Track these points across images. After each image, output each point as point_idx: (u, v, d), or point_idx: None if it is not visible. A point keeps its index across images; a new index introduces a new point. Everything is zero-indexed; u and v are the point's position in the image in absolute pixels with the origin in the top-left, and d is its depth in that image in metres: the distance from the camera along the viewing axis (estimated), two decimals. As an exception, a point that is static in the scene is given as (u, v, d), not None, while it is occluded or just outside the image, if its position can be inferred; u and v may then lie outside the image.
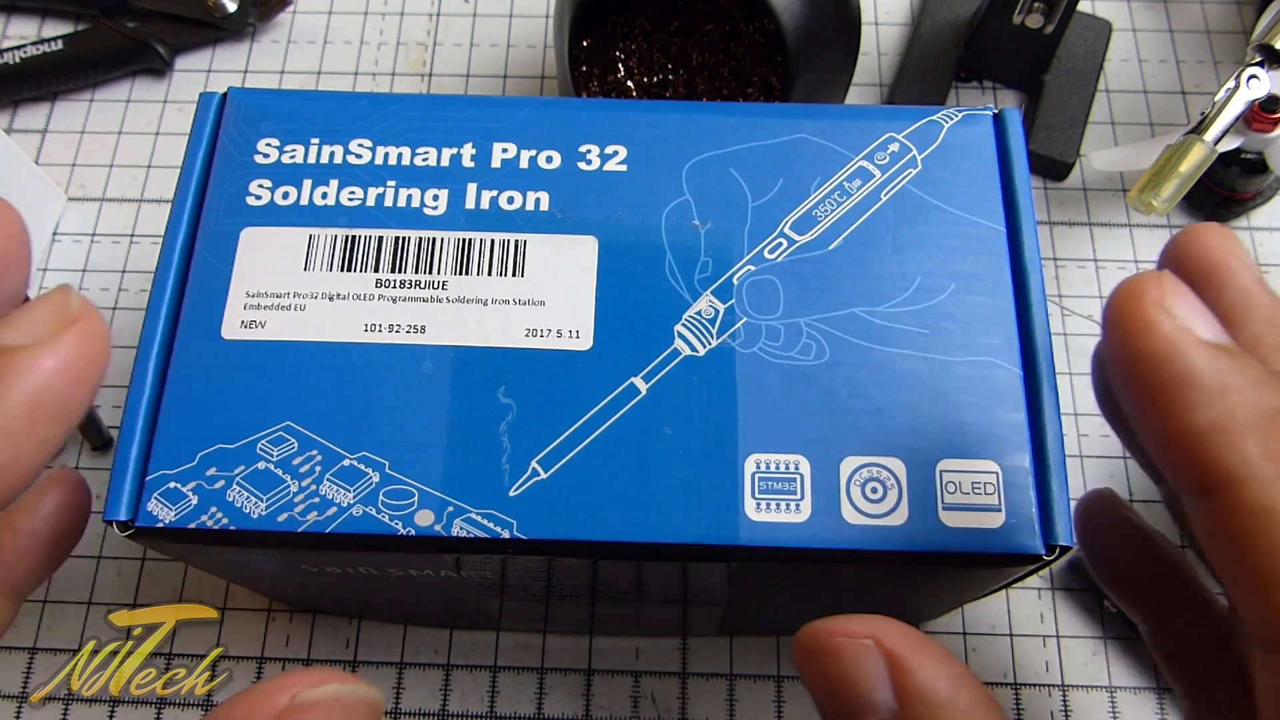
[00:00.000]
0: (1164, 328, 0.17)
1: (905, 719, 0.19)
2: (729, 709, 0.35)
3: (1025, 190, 0.25)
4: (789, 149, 0.25)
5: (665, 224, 0.25)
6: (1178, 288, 0.18)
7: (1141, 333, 0.18)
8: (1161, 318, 0.17)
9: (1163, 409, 0.17)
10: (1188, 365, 0.17)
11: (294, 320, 0.24)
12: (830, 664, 0.20)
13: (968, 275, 0.24)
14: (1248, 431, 0.17)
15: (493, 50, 0.48)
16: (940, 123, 0.26)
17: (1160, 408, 0.18)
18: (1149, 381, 0.18)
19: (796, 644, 0.21)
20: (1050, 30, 0.42)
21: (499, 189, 0.25)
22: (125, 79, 0.47)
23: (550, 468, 0.23)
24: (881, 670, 0.19)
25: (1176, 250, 0.21)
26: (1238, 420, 0.17)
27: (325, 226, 0.25)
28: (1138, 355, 0.18)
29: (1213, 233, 0.21)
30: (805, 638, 0.20)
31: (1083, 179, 0.44)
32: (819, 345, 0.24)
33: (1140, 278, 0.18)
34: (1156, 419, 0.18)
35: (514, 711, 0.35)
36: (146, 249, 0.43)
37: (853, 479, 0.23)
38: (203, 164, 0.25)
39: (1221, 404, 0.17)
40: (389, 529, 0.22)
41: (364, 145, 0.26)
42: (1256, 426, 0.17)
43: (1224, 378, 0.17)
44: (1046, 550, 0.22)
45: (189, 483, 0.22)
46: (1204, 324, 0.18)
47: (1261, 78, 0.37)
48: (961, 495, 0.22)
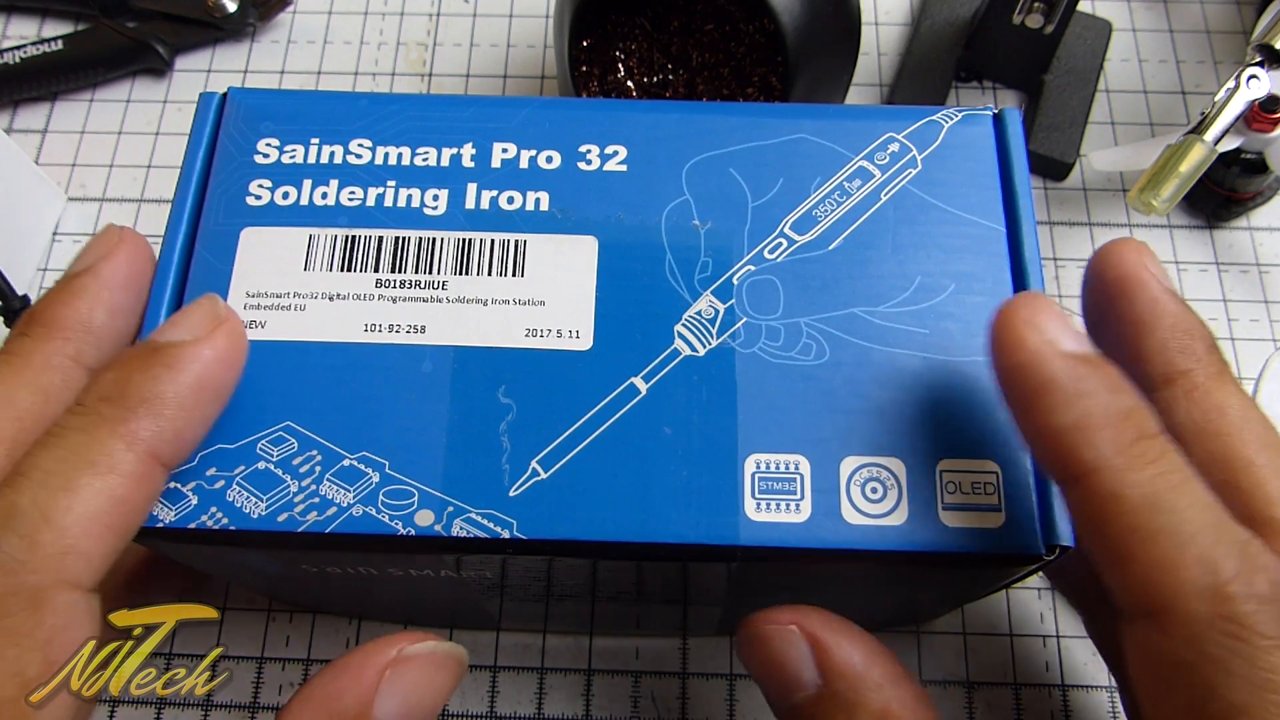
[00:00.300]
0: (1030, 342, 0.20)
1: (829, 693, 0.23)
2: (729, 709, 0.35)
3: (1025, 190, 0.25)
4: (789, 149, 0.25)
5: (665, 224, 0.25)
6: (1045, 307, 0.21)
7: (1013, 347, 0.20)
8: (1028, 333, 0.20)
9: (1031, 412, 0.20)
10: (1050, 374, 0.20)
11: (294, 320, 0.24)
12: (762, 649, 0.24)
13: (968, 275, 0.24)
14: (1101, 429, 0.20)
15: (493, 50, 0.48)
16: (940, 123, 0.26)
17: (1029, 411, 0.20)
18: (1019, 389, 0.21)
19: (738, 635, 0.25)
20: (1050, 30, 0.42)
21: (499, 189, 0.25)
22: (125, 79, 0.47)
23: (550, 468, 0.23)
24: (806, 652, 0.23)
25: (1095, 266, 0.24)
26: (1093, 420, 0.20)
27: (325, 226, 0.25)
28: (1009, 367, 0.21)
29: (1126, 247, 0.23)
30: (742, 628, 0.24)
31: (1083, 179, 0.44)
32: (819, 345, 0.24)
33: (1013, 299, 0.21)
34: (1027, 421, 0.21)
35: (514, 711, 0.35)
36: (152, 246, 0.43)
37: (853, 479, 0.23)
38: (202, 164, 0.25)
39: (1079, 406, 0.20)
40: (389, 529, 0.22)
41: (364, 145, 0.26)
42: (1109, 425, 0.20)
43: (1081, 384, 0.20)
44: (1047, 550, 0.22)
45: (189, 483, 0.22)
46: (1067, 337, 0.21)
47: (1261, 78, 0.37)
48: (962, 495, 0.22)
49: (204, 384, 0.21)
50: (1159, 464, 0.20)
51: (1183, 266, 0.42)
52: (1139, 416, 0.20)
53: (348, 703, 0.21)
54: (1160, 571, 0.19)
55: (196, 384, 0.21)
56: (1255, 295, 0.42)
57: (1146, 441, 0.20)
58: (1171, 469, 0.20)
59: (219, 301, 0.23)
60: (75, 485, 0.20)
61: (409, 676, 0.22)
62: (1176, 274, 0.42)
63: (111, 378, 0.21)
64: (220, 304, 0.23)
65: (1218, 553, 0.19)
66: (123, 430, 0.20)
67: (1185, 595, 0.19)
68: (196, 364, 0.21)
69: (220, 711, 0.35)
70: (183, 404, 0.21)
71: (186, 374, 0.21)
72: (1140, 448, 0.20)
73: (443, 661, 0.23)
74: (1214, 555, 0.19)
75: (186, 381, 0.21)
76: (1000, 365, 0.21)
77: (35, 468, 0.20)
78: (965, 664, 0.36)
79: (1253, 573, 0.19)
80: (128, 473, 0.20)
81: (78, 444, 0.20)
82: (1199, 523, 0.19)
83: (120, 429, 0.20)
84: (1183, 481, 0.20)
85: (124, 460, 0.20)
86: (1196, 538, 0.19)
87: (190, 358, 0.21)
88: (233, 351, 0.22)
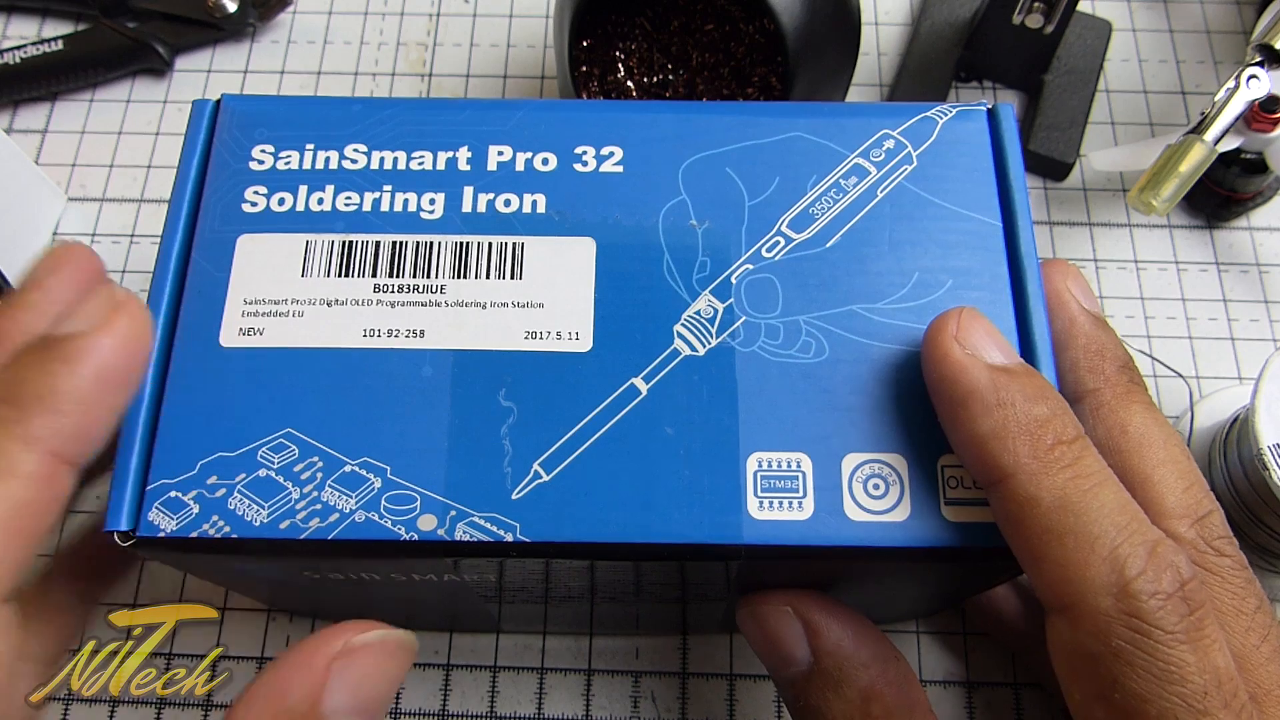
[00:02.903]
0: (954, 355, 0.22)
1: (819, 670, 0.25)
2: (729, 709, 0.35)
3: (1020, 185, 0.25)
4: (785, 147, 0.25)
5: (663, 224, 0.25)
6: (972, 322, 0.22)
7: (939, 360, 0.22)
8: (952, 347, 0.22)
9: (955, 421, 0.22)
10: (972, 384, 0.21)
11: (292, 327, 0.24)
12: (759, 627, 0.26)
13: (965, 271, 0.24)
14: (1018, 435, 0.21)
15: (493, 50, 0.48)
16: (935, 119, 0.26)
17: (954, 420, 0.22)
18: (945, 398, 0.22)
19: (738, 610, 0.27)
20: (1050, 30, 0.42)
21: (495, 192, 0.25)
22: (125, 79, 0.47)
23: (552, 470, 0.23)
24: (799, 631, 0.25)
25: None
26: (1010, 427, 0.21)
27: (322, 232, 0.25)
28: (937, 378, 0.22)
29: (1053, 269, 0.25)
30: (741, 606, 0.26)
31: (1083, 179, 0.44)
32: (818, 343, 0.24)
33: (943, 315, 0.22)
34: (952, 429, 0.22)
35: (514, 711, 0.35)
36: (146, 249, 0.43)
37: (854, 476, 0.23)
38: (198, 171, 0.25)
39: (998, 414, 0.21)
40: (392, 534, 0.22)
41: (359, 150, 0.26)
42: (1025, 432, 0.21)
43: (1000, 394, 0.21)
44: None
45: (190, 491, 0.22)
46: (991, 350, 0.22)
47: (1261, 78, 0.37)
48: (964, 490, 0.22)
49: (105, 375, 0.20)
50: (1073, 468, 0.21)
51: (1183, 266, 0.42)
52: (1056, 423, 0.21)
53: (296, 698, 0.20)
54: (1070, 569, 0.20)
55: (97, 376, 0.20)
56: (1255, 295, 0.42)
57: (1062, 447, 0.21)
58: (1085, 473, 0.21)
59: (115, 286, 0.22)
60: None
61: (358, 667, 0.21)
62: (1176, 274, 0.42)
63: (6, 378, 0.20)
64: (117, 289, 0.22)
65: (1124, 551, 0.20)
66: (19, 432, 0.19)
67: (1093, 592, 0.20)
68: (95, 355, 0.20)
69: (220, 711, 0.35)
70: (82, 399, 0.20)
71: (85, 366, 0.20)
72: (1055, 453, 0.21)
73: (393, 650, 0.22)
74: (1121, 554, 0.20)
75: (86, 374, 0.20)
76: (929, 376, 0.22)
77: None
78: (965, 664, 0.36)
79: (1159, 570, 0.20)
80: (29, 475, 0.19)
81: None
82: (1107, 523, 0.20)
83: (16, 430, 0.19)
84: (1096, 485, 0.21)
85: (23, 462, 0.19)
86: (1104, 537, 0.20)
87: (88, 349, 0.20)
88: (135, 338, 0.21)
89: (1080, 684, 0.21)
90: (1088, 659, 0.20)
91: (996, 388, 0.21)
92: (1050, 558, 0.20)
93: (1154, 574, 0.20)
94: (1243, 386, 0.39)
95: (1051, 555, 0.20)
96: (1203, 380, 0.40)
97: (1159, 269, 0.42)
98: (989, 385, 0.21)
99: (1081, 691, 0.21)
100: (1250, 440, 0.32)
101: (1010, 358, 0.22)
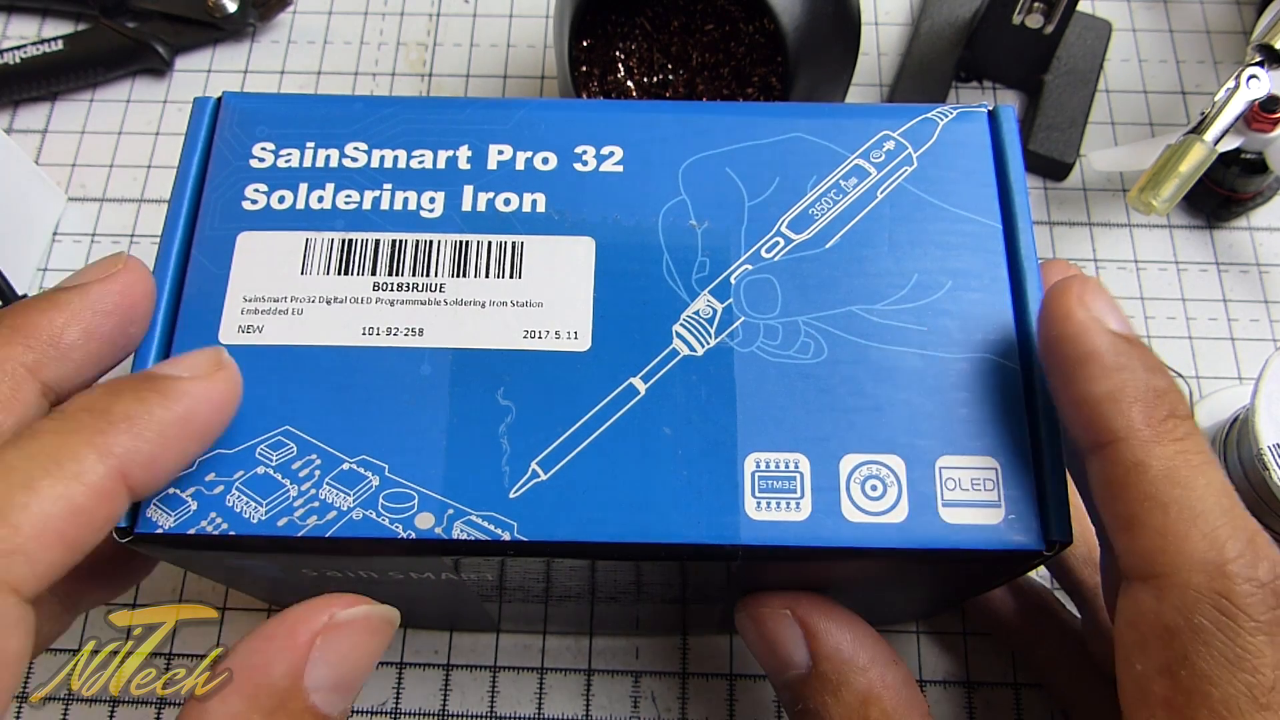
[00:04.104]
0: (1078, 315, 0.22)
1: (818, 673, 0.25)
2: (729, 709, 0.35)
3: (1020, 187, 0.25)
4: (785, 148, 0.25)
5: (662, 224, 0.25)
6: (1096, 289, 0.22)
7: (1061, 319, 0.22)
8: (1076, 308, 0.22)
9: (1071, 379, 0.22)
10: (1093, 346, 0.21)
11: (291, 324, 0.24)
12: (757, 630, 0.26)
13: (964, 272, 0.24)
14: (1134, 402, 0.21)
15: (493, 50, 0.48)
16: (935, 120, 0.26)
17: (1069, 378, 0.22)
18: (1063, 357, 0.22)
19: (737, 613, 0.27)
20: (1050, 30, 0.42)
21: (495, 191, 0.25)
22: (125, 79, 0.47)
23: (550, 469, 0.23)
24: (798, 634, 0.25)
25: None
26: (1127, 392, 0.21)
27: (322, 230, 0.25)
28: (1056, 336, 0.22)
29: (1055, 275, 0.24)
30: (740, 608, 0.26)
31: (1083, 179, 0.44)
32: (817, 344, 0.24)
33: (1069, 279, 0.22)
34: (1067, 388, 0.22)
35: (514, 711, 0.35)
36: (146, 249, 0.43)
37: (852, 477, 0.23)
38: (198, 169, 0.25)
39: (1116, 378, 0.21)
40: (389, 532, 0.22)
41: (359, 148, 0.26)
42: (1142, 399, 0.21)
43: (1120, 358, 0.21)
44: (1046, 546, 0.22)
45: (188, 488, 0.22)
46: (1113, 317, 0.22)
47: (1261, 78, 0.37)
48: (961, 491, 0.22)
49: (192, 419, 0.21)
50: (1184, 443, 0.21)
51: (1183, 266, 0.42)
52: (1172, 397, 0.21)
53: (277, 674, 0.20)
54: (1168, 539, 0.20)
55: (185, 416, 0.21)
56: (1255, 295, 0.42)
57: (1175, 420, 0.21)
58: (1194, 449, 0.21)
59: (223, 351, 0.23)
60: (36, 485, 0.19)
61: (342, 643, 0.21)
62: (1176, 274, 0.42)
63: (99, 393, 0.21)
64: (224, 353, 0.22)
65: (1225, 533, 0.20)
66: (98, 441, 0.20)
67: (1187, 566, 0.20)
68: (189, 398, 0.21)
69: (220, 712, 0.35)
70: (165, 432, 0.20)
71: (178, 405, 0.21)
72: (1169, 425, 0.21)
73: (377, 626, 0.22)
74: (1221, 535, 0.20)
75: (176, 411, 0.21)
76: (1046, 335, 0.22)
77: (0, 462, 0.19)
78: (965, 664, 0.36)
79: (1257, 558, 0.20)
80: (93, 484, 0.19)
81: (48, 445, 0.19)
82: (1212, 502, 0.20)
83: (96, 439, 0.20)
84: (1203, 463, 0.21)
85: (92, 471, 0.19)
86: (1207, 515, 0.20)
87: (184, 391, 0.21)
88: (227, 397, 0.22)
89: (1147, 655, 0.21)
90: (1163, 631, 0.20)
91: (1117, 352, 0.21)
92: (1150, 525, 0.21)
93: (1251, 560, 0.20)
94: (1243, 386, 0.39)
95: (1152, 523, 0.21)
96: (1203, 380, 0.40)
97: (1159, 269, 0.42)
98: (1110, 348, 0.21)
99: (1145, 663, 0.21)
100: (1250, 440, 0.32)
101: (1128, 328, 0.22)
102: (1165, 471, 0.21)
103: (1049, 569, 0.35)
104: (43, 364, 0.21)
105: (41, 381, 0.21)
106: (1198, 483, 0.21)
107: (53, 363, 0.21)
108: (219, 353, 0.22)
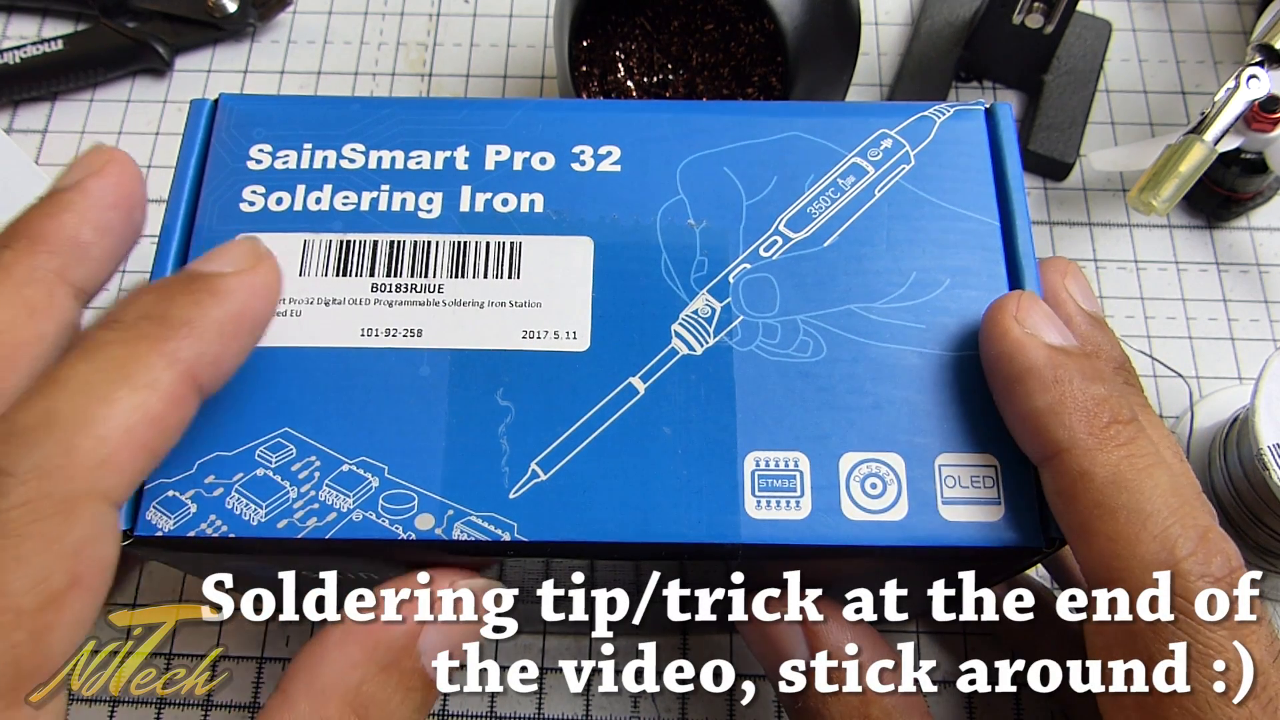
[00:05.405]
0: (1013, 333, 0.22)
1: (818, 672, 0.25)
2: (729, 709, 0.35)
3: (1018, 184, 0.25)
4: (782, 147, 0.25)
5: (660, 223, 0.25)
6: (1031, 303, 0.23)
7: (998, 337, 0.22)
8: (1012, 325, 0.22)
9: (1012, 395, 0.22)
10: (1030, 362, 0.22)
11: (290, 326, 0.24)
12: (756, 626, 0.26)
13: (963, 270, 0.24)
14: (1074, 412, 0.21)
15: (493, 50, 0.48)
16: (932, 118, 0.26)
17: (1010, 394, 0.22)
18: (1002, 374, 0.22)
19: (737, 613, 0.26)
20: (1050, 30, 0.42)
21: (493, 191, 0.25)
22: (125, 79, 0.47)
23: (550, 469, 0.23)
24: (798, 633, 0.26)
25: None
26: (1066, 404, 0.21)
27: (320, 232, 0.25)
28: (995, 355, 0.22)
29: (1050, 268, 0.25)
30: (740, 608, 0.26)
31: (1083, 179, 0.44)
32: (816, 342, 0.24)
33: (1003, 296, 0.23)
34: (1008, 405, 0.22)
35: (514, 711, 0.35)
36: (145, 249, 0.43)
37: (852, 475, 0.23)
38: (195, 170, 0.25)
39: (1054, 391, 0.22)
40: (389, 533, 0.22)
41: (357, 150, 0.26)
42: (1081, 409, 0.21)
43: (1058, 372, 0.22)
44: (1046, 542, 0.22)
45: (187, 491, 0.22)
46: (1050, 331, 0.22)
47: (1261, 78, 0.37)
48: (961, 489, 0.22)
49: (245, 314, 0.21)
50: (1128, 447, 0.21)
51: (1183, 266, 0.42)
52: (1114, 403, 0.22)
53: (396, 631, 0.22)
54: (1119, 544, 0.21)
55: (239, 313, 0.21)
56: (1255, 295, 0.42)
57: (1118, 426, 0.21)
58: (1139, 453, 0.21)
59: (258, 240, 0.23)
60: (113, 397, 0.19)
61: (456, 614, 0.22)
62: (1176, 274, 0.42)
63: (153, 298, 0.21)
64: (260, 242, 0.23)
65: (1175, 532, 0.20)
66: (164, 349, 0.20)
67: (1140, 568, 0.20)
68: (240, 293, 0.21)
69: (220, 711, 0.35)
70: (224, 331, 0.21)
71: (231, 301, 0.21)
72: (1111, 431, 0.21)
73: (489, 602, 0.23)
74: (1172, 534, 0.20)
75: (231, 308, 0.21)
76: (986, 353, 0.23)
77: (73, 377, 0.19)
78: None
79: (1209, 554, 0.20)
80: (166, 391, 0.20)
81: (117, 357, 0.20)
82: (1160, 503, 0.21)
83: (162, 347, 0.20)
84: (1150, 465, 0.21)
85: (163, 378, 0.20)
86: (1156, 516, 0.21)
87: (234, 287, 0.21)
88: (273, 286, 0.22)
89: (1115, 658, 0.21)
90: (1126, 635, 0.21)
91: (1054, 365, 0.22)
92: (1101, 532, 0.21)
93: (1204, 556, 0.20)
94: (1243, 386, 0.39)
95: (1102, 529, 0.21)
96: (1203, 380, 0.40)
97: (1159, 269, 0.42)
98: (1047, 363, 0.22)
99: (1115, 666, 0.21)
100: (1250, 440, 0.32)
101: (1068, 340, 0.23)
102: (1111, 478, 0.21)
103: (1048, 568, 0.35)
104: (68, 267, 0.22)
105: (71, 284, 0.22)
106: (1145, 485, 0.21)
107: (76, 265, 0.22)
108: (255, 242, 0.23)
